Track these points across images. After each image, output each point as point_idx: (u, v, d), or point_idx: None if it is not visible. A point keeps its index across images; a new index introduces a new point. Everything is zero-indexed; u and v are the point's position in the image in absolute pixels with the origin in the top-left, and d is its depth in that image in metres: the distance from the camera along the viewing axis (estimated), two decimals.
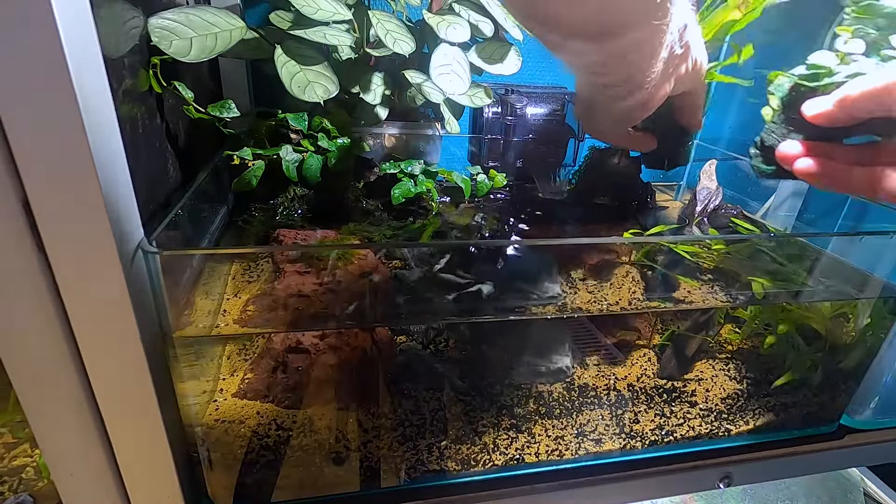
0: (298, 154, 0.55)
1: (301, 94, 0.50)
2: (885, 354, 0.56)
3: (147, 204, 0.40)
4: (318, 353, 0.44)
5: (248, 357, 0.47)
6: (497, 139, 0.72)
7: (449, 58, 0.57)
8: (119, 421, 0.36)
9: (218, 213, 0.54)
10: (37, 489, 0.44)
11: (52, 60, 0.26)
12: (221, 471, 0.43)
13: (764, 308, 0.55)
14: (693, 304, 0.53)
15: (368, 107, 0.59)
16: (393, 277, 0.46)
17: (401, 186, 0.59)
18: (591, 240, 0.52)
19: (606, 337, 0.54)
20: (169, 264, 0.35)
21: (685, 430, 0.54)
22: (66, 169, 0.28)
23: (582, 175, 0.66)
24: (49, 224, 0.29)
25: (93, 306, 0.31)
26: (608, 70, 0.38)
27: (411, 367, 0.47)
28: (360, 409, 0.46)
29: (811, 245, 0.58)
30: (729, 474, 0.55)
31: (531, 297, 0.46)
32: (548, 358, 0.51)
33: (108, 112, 0.31)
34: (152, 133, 0.44)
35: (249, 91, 0.70)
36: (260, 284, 0.44)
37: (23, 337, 0.31)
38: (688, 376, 0.55)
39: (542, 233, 0.60)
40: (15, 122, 0.26)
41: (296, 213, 0.56)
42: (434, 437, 0.47)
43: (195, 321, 0.41)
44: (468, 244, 0.54)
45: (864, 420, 0.60)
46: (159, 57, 0.43)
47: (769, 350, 0.56)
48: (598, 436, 0.52)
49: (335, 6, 0.52)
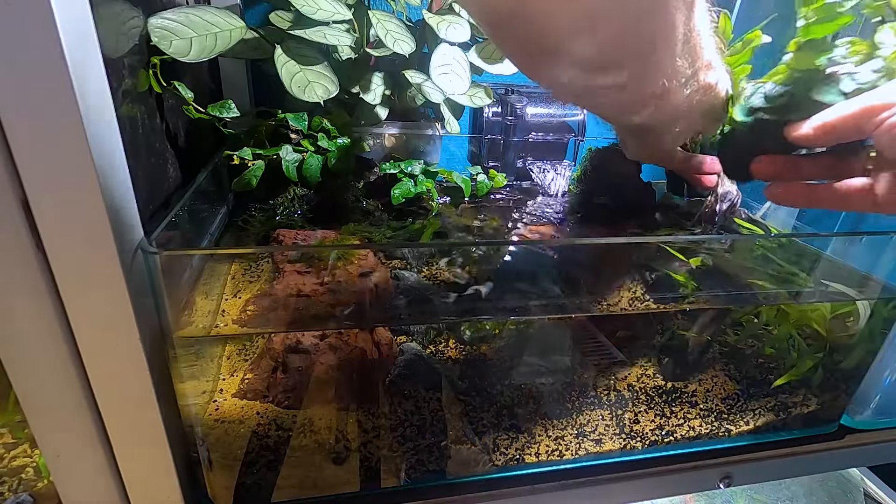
0: (298, 154, 0.55)
1: (301, 94, 0.50)
2: (886, 354, 0.56)
3: (147, 204, 0.40)
4: (318, 353, 0.44)
5: (248, 357, 0.47)
6: (497, 139, 0.72)
7: (449, 58, 0.57)
8: (119, 421, 0.36)
9: (218, 214, 0.54)
10: (36, 489, 0.44)
11: (52, 60, 0.26)
12: (221, 471, 0.43)
13: (764, 308, 0.55)
14: (693, 304, 0.53)
15: (368, 107, 0.59)
16: (394, 278, 0.46)
17: (401, 186, 0.59)
18: (591, 240, 0.52)
19: (606, 337, 0.54)
20: (169, 264, 0.35)
21: (685, 431, 0.54)
22: (66, 169, 0.28)
23: (583, 175, 0.66)
24: (49, 224, 0.29)
25: (93, 306, 0.31)
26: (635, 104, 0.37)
27: (411, 367, 0.47)
28: (360, 410, 0.46)
29: (809, 246, 0.58)
30: (729, 474, 0.55)
31: (531, 296, 0.46)
32: (548, 358, 0.51)
33: (108, 112, 0.31)
34: (152, 133, 0.44)
35: (249, 91, 0.70)
36: (260, 284, 0.44)
37: (22, 337, 0.31)
38: (688, 377, 0.55)
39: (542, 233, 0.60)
40: (15, 122, 0.26)
41: (296, 214, 0.56)
42: (434, 438, 0.47)
43: (195, 321, 0.41)
44: (468, 244, 0.54)
45: (865, 420, 0.60)
46: (159, 57, 0.43)
47: (770, 351, 0.56)
48: (598, 436, 0.52)
49: (335, 6, 0.52)
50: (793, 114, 0.39)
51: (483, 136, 0.72)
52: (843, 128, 0.36)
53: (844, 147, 0.38)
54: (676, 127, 0.43)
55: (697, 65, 0.37)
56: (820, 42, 0.39)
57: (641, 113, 0.38)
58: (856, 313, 0.53)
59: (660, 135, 0.45)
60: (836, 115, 0.36)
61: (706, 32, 0.36)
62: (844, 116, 0.35)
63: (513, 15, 0.29)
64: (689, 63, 0.35)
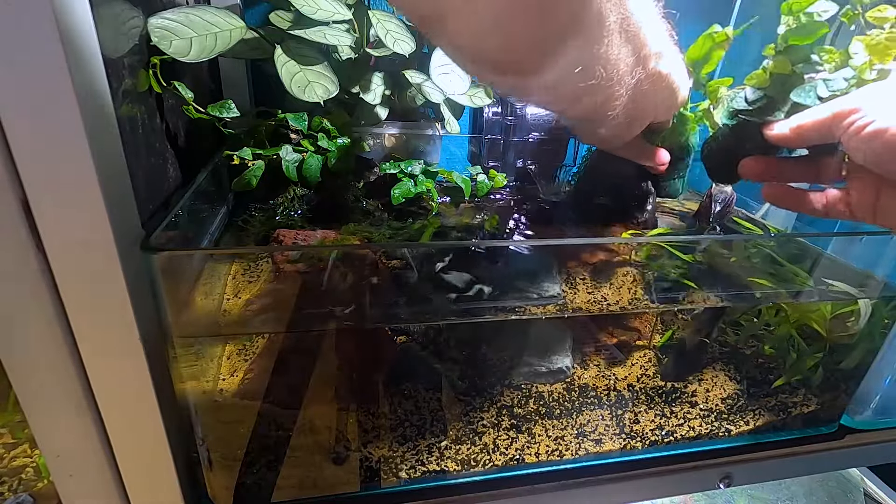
0: (298, 154, 0.55)
1: (301, 94, 0.50)
2: (886, 354, 0.56)
3: (147, 204, 0.40)
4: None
5: (248, 357, 0.47)
6: (497, 139, 0.72)
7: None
8: (119, 421, 0.36)
9: (217, 213, 0.54)
10: (36, 489, 0.44)
11: (51, 60, 0.26)
12: (221, 471, 0.43)
13: (764, 308, 0.55)
14: (694, 303, 0.53)
15: (368, 107, 0.59)
16: (395, 278, 0.46)
17: (401, 186, 0.58)
18: (591, 240, 0.52)
19: (606, 337, 0.54)
20: (168, 264, 0.35)
21: (685, 431, 0.54)
22: (66, 169, 0.28)
23: (582, 175, 0.66)
24: (49, 224, 0.29)
25: (92, 306, 0.31)
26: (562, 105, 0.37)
27: (411, 367, 0.47)
28: (360, 409, 0.46)
29: (811, 245, 0.58)
30: (729, 474, 0.55)
31: (531, 296, 0.46)
32: (548, 358, 0.51)
33: (107, 112, 0.31)
34: (152, 133, 0.44)
35: (249, 91, 0.70)
36: (260, 284, 0.44)
37: (22, 337, 0.31)
38: (688, 377, 0.55)
39: (542, 233, 0.60)
40: (15, 122, 0.26)
41: (296, 213, 0.56)
42: (434, 438, 0.47)
43: (195, 321, 0.41)
44: (468, 244, 0.54)
45: (865, 420, 0.60)
46: (159, 57, 0.43)
47: (770, 351, 0.56)
48: (598, 436, 0.52)
49: (335, 6, 0.52)
50: (772, 115, 0.41)
51: (483, 136, 0.72)
52: (816, 130, 0.38)
53: (823, 150, 0.41)
54: (622, 118, 0.41)
55: (643, 53, 0.35)
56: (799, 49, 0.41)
57: (577, 106, 0.36)
58: (857, 313, 0.53)
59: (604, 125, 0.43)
60: (810, 117, 0.38)
61: (648, 20, 0.34)
62: (817, 119, 0.37)
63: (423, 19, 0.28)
64: (628, 52, 0.33)
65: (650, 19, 0.35)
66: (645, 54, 0.36)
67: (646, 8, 0.34)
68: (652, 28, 0.35)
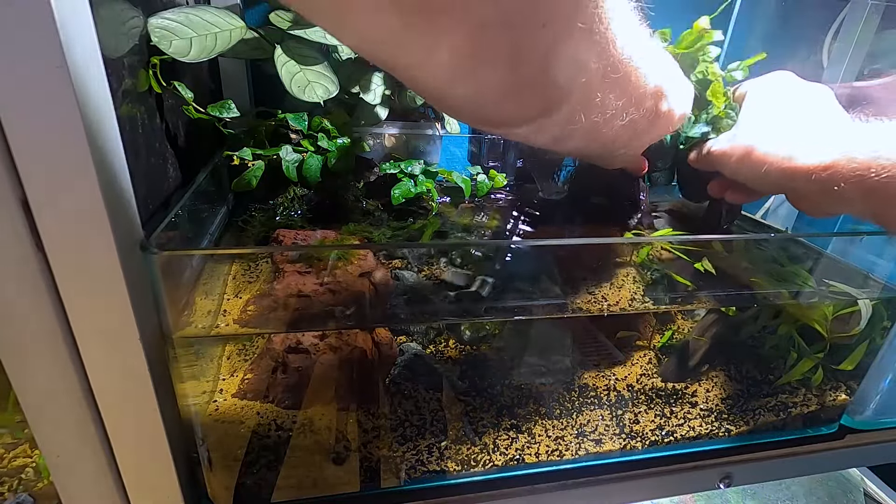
0: (298, 154, 0.55)
1: (301, 94, 0.50)
2: (886, 355, 0.56)
3: (147, 204, 0.40)
4: (318, 354, 0.44)
5: (248, 357, 0.47)
6: (497, 139, 0.72)
7: None
8: (119, 421, 0.36)
9: (217, 214, 0.54)
10: (36, 489, 0.44)
11: (51, 60, 0.26)
12: (221, 471, 0.43)
13: (764, 308, 0.55)
14: (693, 303, 0.53)
15: (368, 107, 0.59)
16: (395, 278, 0.46)
17: (401, 186, 0.58)
18: (590, 240, 0.52)
19: (606, 337, 0.54)
20: (168, 264, 0.35)
21: (685, 431, 0.54)
22: (66, 169, 0.28)
23: (576, 175, 0.66)
24: (49, 224, 0.29)
25: (92, 306, 0.31)
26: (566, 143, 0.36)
27: (411, 367, 0.47)
28: (360, 410, 0.46)
29: (812, 245, 0.58)
30: (729, 474, 0.55)
31: (531, 297, 0.46)
32: (548, 358, 0.51)
33: (107, 112, 0.31)
34: (152, 133, 0.44)
35: (249, 91, 0.70)
36: (260, 284, 0.44)
37: (22, 337, 0.31)
38: (688, 377, 0.55)
39: (541, 233, 0.60)
40: (14, 122, 0.26)
41: (296, 214, 0.56)
42: (434, 438, 0.47)
43: (195, 321, 0.41)
44: (468, 244, 0.54)
45: (865, 420, 0.60)
46: (159, 57, 0.43)
47: (770, 351, 0.56)
48: (598, 436, 0.52)
49: None
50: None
51: (483, 136, 0.72)
52: (712, 160, 0.49)
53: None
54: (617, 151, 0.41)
55: (637, 94, 0.34)
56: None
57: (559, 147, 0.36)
58: (857, 313, 0.53)
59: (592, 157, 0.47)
60: (713, 148, 0.49)
61: (643, 57, 0.32)
62: (715, 151, 0.48)
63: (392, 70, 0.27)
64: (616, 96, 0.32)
65: (646, 55, 0.32)
66: (639, 95, 0.34)
67: (639, 44, 0.31)
68: (649, 65, 0.33)
